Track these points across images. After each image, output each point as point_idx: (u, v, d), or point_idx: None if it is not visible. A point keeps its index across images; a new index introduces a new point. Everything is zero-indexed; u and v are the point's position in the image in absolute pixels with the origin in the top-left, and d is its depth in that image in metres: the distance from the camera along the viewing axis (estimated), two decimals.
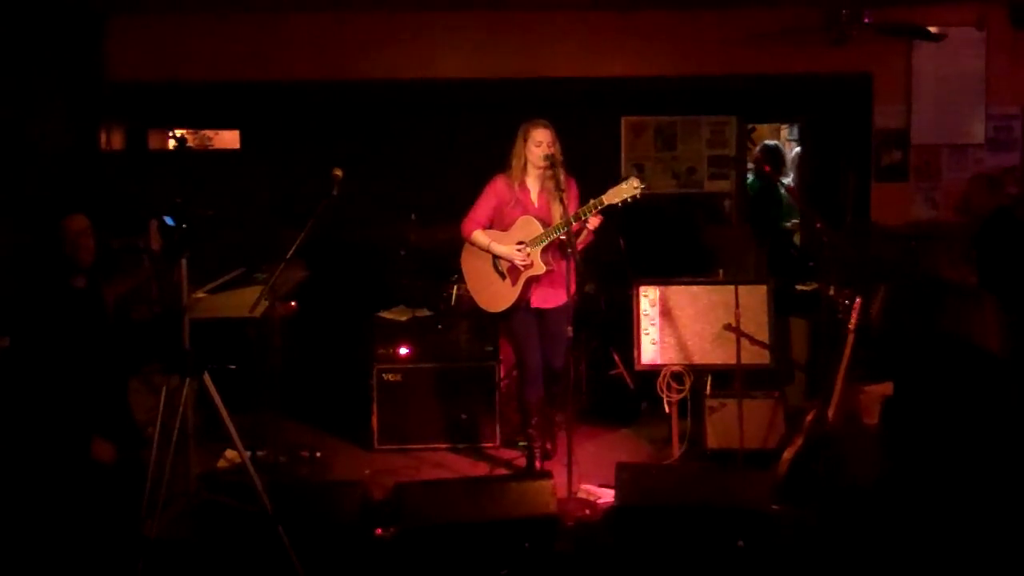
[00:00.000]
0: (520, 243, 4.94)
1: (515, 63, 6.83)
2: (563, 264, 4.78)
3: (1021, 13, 6.80)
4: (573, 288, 4.65)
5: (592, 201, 4.70)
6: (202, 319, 4.78)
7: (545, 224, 4.89)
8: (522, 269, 4.93)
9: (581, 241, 4.83)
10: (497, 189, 5.07)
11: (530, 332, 5.08)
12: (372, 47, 6.78)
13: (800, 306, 6.02)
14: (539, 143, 4.87)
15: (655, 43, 6.87)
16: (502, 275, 5.03)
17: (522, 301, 5.01)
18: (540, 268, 4.90)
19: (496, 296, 5.06)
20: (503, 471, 5.31)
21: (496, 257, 5.03)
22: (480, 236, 5.05)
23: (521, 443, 5.53)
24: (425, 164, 7.28)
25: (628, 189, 4.62)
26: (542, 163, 4.86)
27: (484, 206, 5.08)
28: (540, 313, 5.08)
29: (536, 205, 5.03)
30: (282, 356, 5.05)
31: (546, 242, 4.86)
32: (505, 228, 5.03)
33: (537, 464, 5.16)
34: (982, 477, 3.91)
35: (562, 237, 4.74)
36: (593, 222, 4.75)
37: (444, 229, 6.47)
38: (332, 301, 6.57)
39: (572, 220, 4.68)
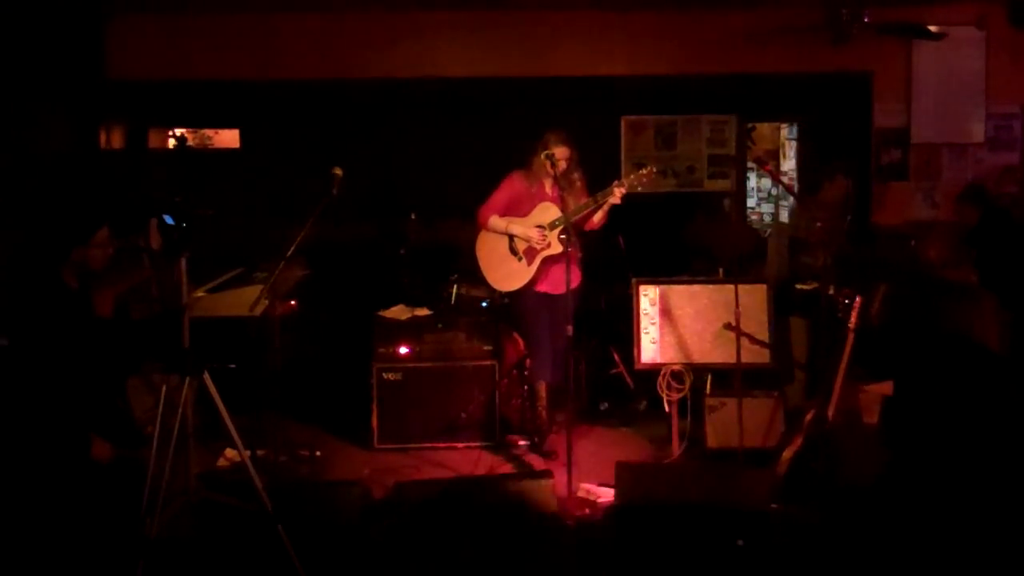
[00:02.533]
0: (539, 226, 5.20)
1: (515, 62, 6.84)
2: (575, 249, 5.04)
3: (1021, 12, 6.80)
4: (574, 283, 4.79)
5: (615, 183, 5.08)
6: (202, 318, 4.78)
7: (562, 211, 5.16)
8: (538, 249, 5.19)
9: (597, 220, 5.23)
10: (514, 183, 5.32)
11: (540, 315, 5.31)
12: (372, 47, 6.78)
13: (800, 306, 6.01)
14: (558, 158, 5.09)
15: (655, 43, 6.88)
16: (518, 256, 5.29)
17: (535, 282, 5.24)
18: (557, 248, 5.15)
19: (510, 275, 5.30)
20: (503, 470, 5.31)
21: (512, 240, 5.26)
22: (498, 220, 5.29)
23: (522, 442, 5.59)
24: (425, 163, 7.29)
25: (646, 173, 5.14)
26: (556, 172, 5.10)
27: (500, 197, 5.32)
28: (549, 299, 5.26)
29: (551, 196, 5.26)
30: (282, 356, 5.05)
31: (563, 224, 5.08)
32: (523, 216, 5.28)
33: (543, 445, 5.40)
34: (982, 475, 3.91)
35: (581, 215, 5.11)
36: (616, 195, 5.04)
37: (444, 228, 6.49)
38: (332, 300, 6.57)
39: (595, 200, 5.07)
